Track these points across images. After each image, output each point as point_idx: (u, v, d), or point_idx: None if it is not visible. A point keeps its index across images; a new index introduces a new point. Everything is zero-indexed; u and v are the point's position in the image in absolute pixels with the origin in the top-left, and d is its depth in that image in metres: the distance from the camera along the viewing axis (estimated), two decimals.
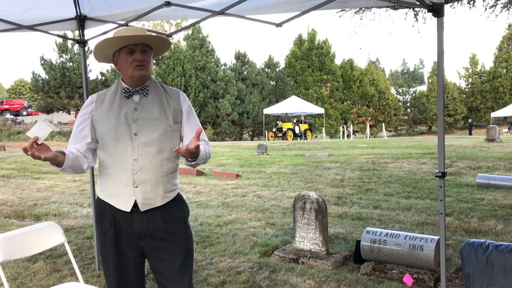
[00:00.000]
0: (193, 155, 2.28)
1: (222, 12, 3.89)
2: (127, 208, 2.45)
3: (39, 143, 2.16)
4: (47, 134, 2.20)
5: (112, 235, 2.50)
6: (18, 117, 49.80)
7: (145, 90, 2.51)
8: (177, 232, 2.54)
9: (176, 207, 2.56)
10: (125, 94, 2.50)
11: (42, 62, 34.76)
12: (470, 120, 46.79)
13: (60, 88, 34.28)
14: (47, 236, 3.14)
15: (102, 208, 2.54)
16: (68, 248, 3.20)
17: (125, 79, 2.52)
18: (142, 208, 2.45)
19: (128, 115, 2.46)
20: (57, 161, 2.30)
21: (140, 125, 2.45)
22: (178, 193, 2.61)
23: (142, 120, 2.45)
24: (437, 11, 3.09)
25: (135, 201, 2.44)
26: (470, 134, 41.70)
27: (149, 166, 2.44)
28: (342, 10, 8.49)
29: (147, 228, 2.48)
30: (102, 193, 2.54)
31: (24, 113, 53.14)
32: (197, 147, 2.24)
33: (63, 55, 34.99)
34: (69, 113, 38.02)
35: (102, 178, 2.53)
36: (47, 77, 34.75)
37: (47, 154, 2.20)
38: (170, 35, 4.97)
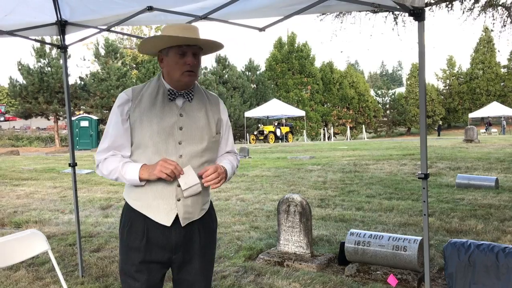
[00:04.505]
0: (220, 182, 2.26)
1: (205, 17, 3.88)
2: (168, 222, 2.27)
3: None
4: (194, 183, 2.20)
5: (143, 249, 2.29)
6: None
7: (190, 94, 2.33)
8: (209, 244, 2.44)
9: (210, 219, 2.45)
10: (169, 97, 2.29)
11: (20, 67, 34.18)
12: (440, 123, 47.69)
13: (38, 93, 33.76)
14: (30, 244, 3.09)
15: (132, 219, 2.32)
16: (52, 256, 3.15)
17: (168, 80, 2.31)
18: (183, 222, 2.29)
19: (173, 120, 2.27)
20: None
21: (185, 133, 2.28)
22: (210, 201, 2.50)
23: (187, 129, 2.28)
24: (418, 15, 3.13)
25: (176, 215, 2.27)
26: (439, 135, 42.64)
27: None
28: (323, 14, 8.57)
29: (183, 241, 2.32)
30: (136, 203, 2.31)
31: (2, 118, 52.42)
32: (219, 180, 2.23)
33: (41, 60, 34.47)
34: (48, 119, 37.38)
35: (137, 186, 2.29)
36: (24, 82, 34.18)
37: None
38: None
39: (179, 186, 2.23)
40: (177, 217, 2.28)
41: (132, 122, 2.28)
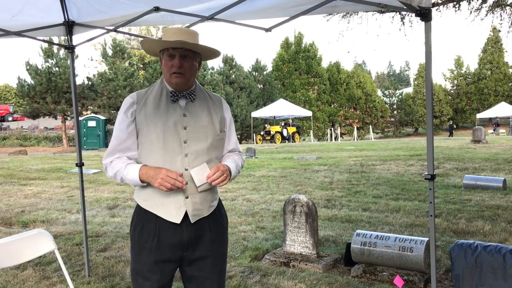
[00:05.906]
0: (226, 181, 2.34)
1: (211, 17, 3.88)
2: (178, 219, 2.33)
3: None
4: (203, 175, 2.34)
5: (154, 248, 2.36)
6: (3, 123, 49.36)
7: (192, 95, 2.41)
8: (220, 241, 2.50)
9: (220, 216, 2.52)
10: (172, 98, 2.37)
11: (28, 67, 34.35)
12: (450, 122, 47.39)
13: (46, 93, 33.92)
14: (37, 243, 3.10)
15: (144, 220, 2.39)
16: (58, 256, 3.16)
17: (167, 82, 2.42)
18: (192, 219, 2.35)
19: (177, 120, 2.35)
20: None
21: (190, 132, 2.36)
22: (219, 199, 2.56)
23: (191, 128, 2.37)
24: (425, 15, 3.12)
25: (186, 212, 2.34)
26: (451, 135, 42.20)
27: None
28: (329, 15, 8.55)
29: (194, 237, 2.39)
30: (146, 203, 2.39)
31: (10, 118, 52.65)
32: (223, 179, 2.32)
33: (49, 60, 34.63)
34: (56, 118, 37.56)
35: (145, 186, 2.36)
36: (32, 82, 34.35)
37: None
38: None
39: (187, 183, 2.29)
40: (186, 215, 2.35)
41: (138, 123, 2.37)
